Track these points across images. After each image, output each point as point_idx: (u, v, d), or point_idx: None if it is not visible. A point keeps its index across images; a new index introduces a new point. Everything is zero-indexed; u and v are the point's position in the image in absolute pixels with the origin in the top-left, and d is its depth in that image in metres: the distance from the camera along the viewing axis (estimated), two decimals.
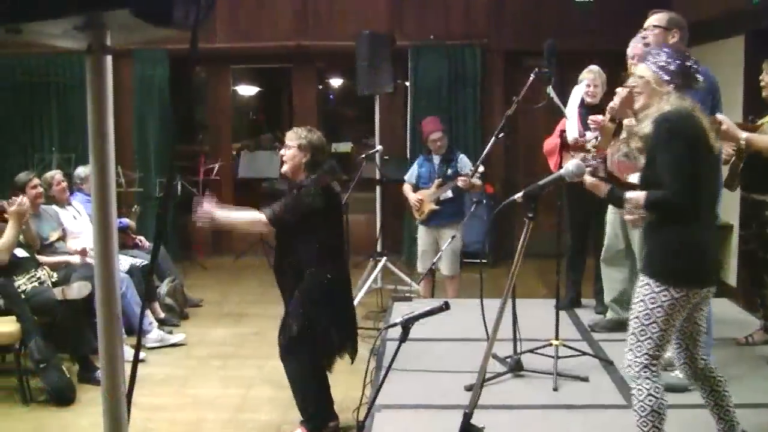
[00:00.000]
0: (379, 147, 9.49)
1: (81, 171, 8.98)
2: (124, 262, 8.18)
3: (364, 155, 9.20)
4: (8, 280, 6.93)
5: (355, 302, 8.19)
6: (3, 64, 12.13)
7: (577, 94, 7.16)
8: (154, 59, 11.89)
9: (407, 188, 8.53)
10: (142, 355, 7.21)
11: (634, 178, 4.57)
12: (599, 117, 6.24)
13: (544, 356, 5.76)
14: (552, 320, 5.88)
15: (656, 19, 5.48)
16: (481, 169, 7.82)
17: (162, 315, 8.60)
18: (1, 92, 12.40)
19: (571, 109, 7.07)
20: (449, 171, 8.22)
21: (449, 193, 8.16)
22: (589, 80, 7.17)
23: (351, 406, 5.16)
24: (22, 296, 6.89)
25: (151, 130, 12.05)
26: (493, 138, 7.21)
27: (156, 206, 11.27)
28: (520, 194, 4.16)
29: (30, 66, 12.07)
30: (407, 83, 11.60)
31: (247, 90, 15.41)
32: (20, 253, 7.19)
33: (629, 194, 4.15)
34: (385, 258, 9.22)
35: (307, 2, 11.95)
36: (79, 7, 1.88)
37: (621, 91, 5.57)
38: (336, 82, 15.30)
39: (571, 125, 7.01)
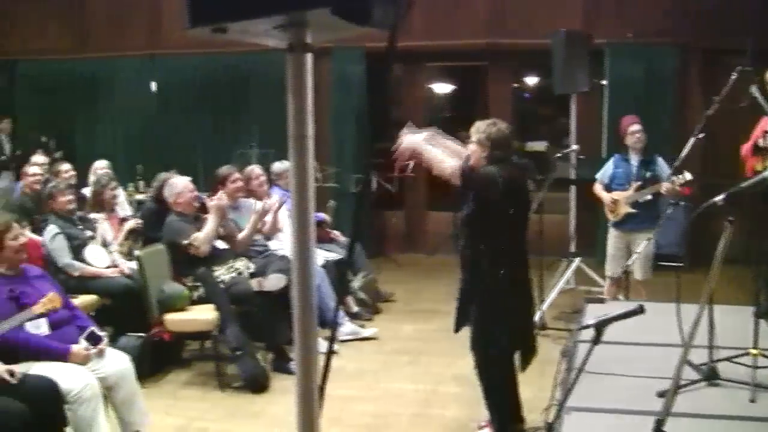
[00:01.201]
0: (574, 146, 9.37)
1: (277, 166, 9.22)
2: (319, 256, 8.32)
3: (558, 155, 9.09)
4: (208, 270, 7.19)
5: (547, 303, 8.16)
6: (206, 62, 12.62)
7: None
8: (351, 57, 12.10)
9: (599, 188, 8.36)
10: (334, 347, 7.34)
11: None
12: None
13: (741, 365, 5.55)
14: (750, 328, 5.65)
15: None
16: (688, 176, 7.61)
17: (355, 309, 8.74)
18: (205, 90, 12.92)
19: None
20: (648, 174, 8.03)
21: (647, 196, 7.98)
22: None
23: (539, 407, 5.11)
24: (221, 286, 7.14)
25: (347, 126, 12.28)
26: (693, 139, 7.00)
27: (351, 202, 11.45)
28: (721, 197, 4.03)
29: (232, 64, 12.50)
30: (603, 82, 11.41)
31: (441, 87, 15.44)
32: (220, 244, 7.44)
33: None
34: (578, 259, 9.10)
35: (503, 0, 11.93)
36: (281, 7, 1.94)
37: None
38: (531, 80, 15.15)
39: None
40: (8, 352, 4.83)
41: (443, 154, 5.15)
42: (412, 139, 5.09)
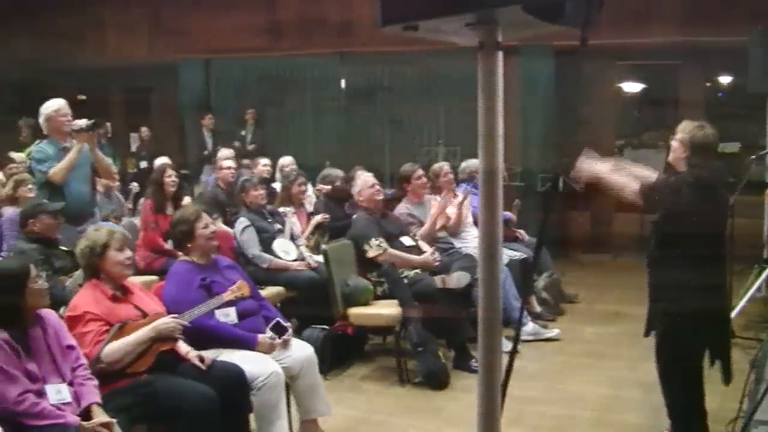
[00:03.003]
0: None
1: (467, 164, 9.26)
2: (504, 254, 8.28)
3: (753, 156, 8.77)
4: (393, 266, 7.27)
5: (737, 311, 7.87)
6: (394, 60, 12.77)
7: None
8: (539, 55, 12.00)
9: None
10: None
11: None
12: None
13: None
14: None
15: None
16: None
17: (537, 309, 8.69)
18: (393, 87, 13.09)
19: None
20: None
21: None
22: None
23: (725, 417, 4.95)
24: (405, 282, 7.20)
25: (534, 125, 12.19)
26: None
27: (536, 201, 11.37)
28: None
29: (420, 62, 12.59)
30: None
31: (631, 86, 15.18)
32: (406, 241, 7.54)
33: None
34: None
35: None
36: (473, 5, 1.94)
37: None
38: (725, 79, 14.69)
39: None
40: (199, 339, 5.01)
41: (625, 179, 5.10)
42: (589, 167, 5.11)
